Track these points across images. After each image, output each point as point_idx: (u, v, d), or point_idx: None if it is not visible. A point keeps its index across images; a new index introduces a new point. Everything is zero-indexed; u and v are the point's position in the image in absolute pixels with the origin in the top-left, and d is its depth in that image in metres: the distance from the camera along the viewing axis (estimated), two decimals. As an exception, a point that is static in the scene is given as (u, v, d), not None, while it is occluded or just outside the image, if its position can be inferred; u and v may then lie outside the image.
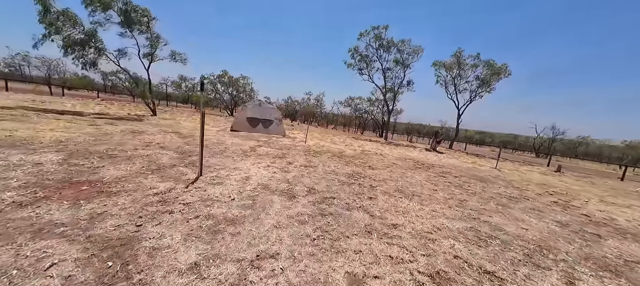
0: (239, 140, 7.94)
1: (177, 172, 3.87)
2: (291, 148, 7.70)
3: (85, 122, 7.54)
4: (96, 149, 4.52)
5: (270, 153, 6.49)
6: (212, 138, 7.68)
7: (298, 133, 13.62)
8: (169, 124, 9.86)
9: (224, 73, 26.39)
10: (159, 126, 8.89)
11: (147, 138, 6.16)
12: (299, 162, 5.79)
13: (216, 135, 8.55)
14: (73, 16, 9.34)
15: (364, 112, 29.49)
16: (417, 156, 10.27)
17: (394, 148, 12.38)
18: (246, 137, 8.88)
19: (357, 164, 6.44)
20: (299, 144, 8.99)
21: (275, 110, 11.96)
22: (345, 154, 7.99)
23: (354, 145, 11.43)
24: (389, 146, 13.50)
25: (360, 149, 9.99)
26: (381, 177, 5.28)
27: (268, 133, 11.05)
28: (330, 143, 10.95)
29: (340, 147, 10.00)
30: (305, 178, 4.45)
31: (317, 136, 13.68)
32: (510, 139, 51.03)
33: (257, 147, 7.08)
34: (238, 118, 10.93)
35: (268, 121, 11.43)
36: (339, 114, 36.46)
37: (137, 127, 7.80)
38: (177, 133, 7.74)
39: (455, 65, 16.68)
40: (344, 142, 12.22)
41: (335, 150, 8.57)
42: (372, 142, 14.70)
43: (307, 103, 39.12)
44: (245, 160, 5.23)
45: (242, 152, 6.10)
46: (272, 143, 8.36)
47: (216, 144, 6.72)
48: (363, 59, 16.74)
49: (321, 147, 9.14)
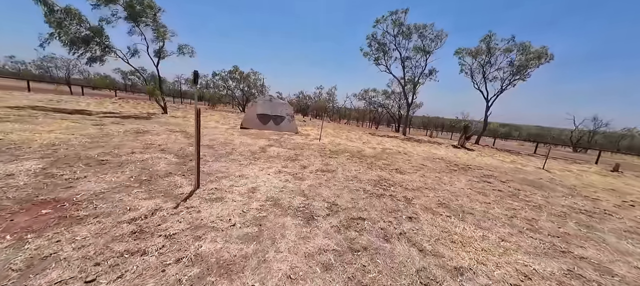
0: (248, 139, 7.29)
1: (170, 184, 3.21)
2: (304, 148, 6.93)
3: (91, 121, 7.23)
4: (87, 154, 3.99)
5: (282, 154, 5.75)
6: (220, 137, 7.09)
7: (311, 130, 12.84)
8: (177, 122, 9.45)
9: (234, 69, 26.06)
10: (167, 125, 8.46)
11: (150, 139, 5.65)
12: (314, 165, 5.00)
13: (224, 133, 7.97)
14: (77, 13, 9.05)
15: (379, 106, 28.06)
16: (446, 154, 9.12)
17: (416, 145, 11.25)
18: (256, 135, 8.23)
19: (381, 167, 5.54)
20: (313, 142, 8.21)
21: (287, 106, 11.22)
22: (365, 154, 7.09)
23: (372, 142, 10.46)
24: (410, 142, 12.36)
25: (380, 147, 9.02)
26: (414, 185, 4.36)
27: (279, 130, 10.36)
28: (346, 140, 10.07)
29: (358, 144, 9.10)
30: (324, 188, 3.66)
31: (331, 132, 12.83)
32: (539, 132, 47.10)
33: (268, 147, 6.38)
34: (248, 115, 10.33)
35: (279, 117, 10.73)
36: (351, 108, 35.25)
37: (143, 126, 7.38)
38: (183, 132, 7.22)
39: (484, 51, 14.90)
40: (361, 139, 11.28)
41: (353, 149, 7.69)
42: (391, 138, 13.61)
43: (319, 98, 38.21)
44: (253, 165, 4.52)
45: (251, 154, 5.41)
46: (284, 142, 7.64)
47: (223, 144, 6.09)
48: (380, 47, 15.44)
49: (337, 145, 8.29)
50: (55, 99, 12.49)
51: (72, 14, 9.02)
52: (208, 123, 10.43)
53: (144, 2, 10.44)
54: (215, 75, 26.82)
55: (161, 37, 10.94)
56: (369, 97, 27.83)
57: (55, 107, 9.44)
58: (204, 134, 7.24)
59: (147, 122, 8.63)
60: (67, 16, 8.95)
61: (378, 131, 22.33)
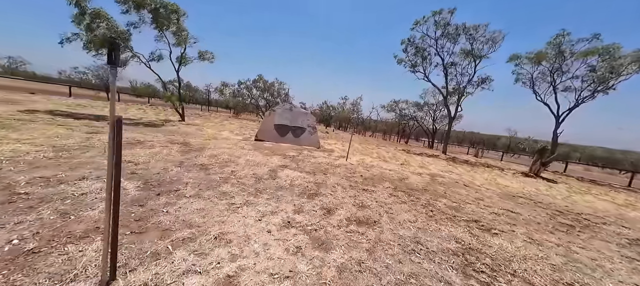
0: (258, 156, 5.85)
1: (62, 266, 1.74)
2: (328, 171, 5.25)
3: (90, 129, 6.48)
4: (15, 179, 2.81)
5: (297, 182, 4.13)
6: (224, 152, 5.76)
7: (334, 144, 11.16)
8: (187, 131, 8.51)
9: (259, 78, 25.91)
10: (174, 134, 7.51)
11: (134, 154, 4.48)
12: (343, 207, 3.27)
13: (233, 147, 6.68)
14: (105, 16, 8.83)
15: (410, 118, 25.41)
16: (524, 188, 6.66)
17: (471, 170, 8.84)
18: (270, 151, 6.80)
19: (449, 214, 3.58)
20: (339, 162, 6.49)
21: (309, 116, 9.76)
22: (411, 184, 5.14)
23: (411, 162, 8.39)
24: (460, 165, 9.93)
25: (425, 172, 6.94)
26: (534, 267, 2.35)
27: (299, 143, 8.88)
28: (379, 159, 8.16)
29: (395, 166, 7.14)
30: (370, 274, 1.90)
31: (359, 148, 10.99)
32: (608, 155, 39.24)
33: (280, 169, 4.83)
34: (264, 125, 9.06)
35: (299, 129, 9.28)
36: (378, 120, 32.88)
37: (144, 136, 6.42)
38: (184, 144, 6.07)
39: (554, 56, 11.92)
40: (395, 157, 9.25)
41: (393, 175, 5.79)
42: (432, 158, 11.27)
43: (343, 108, 36.60)
44: (250, 206, 2.95)
45: (255, 181, 3.89)
46: (303, 160, 6.05)
47: (223, 164, 4.69)
48: (418, 52, 13.41)
49: (369, 166, 6.46)
50: (84, 104, 12.75)
51: (101, 17, 8.83)
52: (221, 133, 9.40)
53: (169, 8, 10.08)
54: (240, 84, 27.00)
55: (183, 42, 10.45)
56: (400, 109, 25.42)
57: (73, 112, 9.20)
58: (207, 148, 6.01)
59: (154, 130, 7.78)
60: (96, 19, 8.77)
61: (410, 146, 19.75)
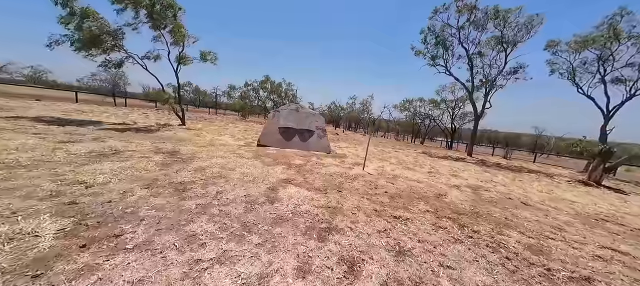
0: (258, 167, 4.81)
1: None
2: (343, 186, 4.11)
3: (68, 135, 5.69)
4: None
5: (304, 206, 3.03)
6: (217, 163, 4.76)
7: (346, 148, 9.98)
8: (182, 137, 7.64)
9: (266, 79, 25.18)
10: (166, 140, 6.63)
11: (96, 170, 3.55)
12: (372, 255, 2.13)
13: (229, 155, 5.68)
14: (95, 14, 8.17)
15: (426, 117, 23.70)
16: (597, 205, 5.21)
17: (514, 178, 7.39)
18: (273, 159, 5.75)
19: (542, 270, 2.34)
20: (354, 171, 5.33)
21: (318, 117, 8.66)
22: (455, 205, 3.90)
23: (440, 170, 7.07)
24: (498, 171, 8.45)
25: (462, 183, 5.64)
26: None
27: (307, 148, 7.79)
28: (400, 165, 6.92)
29: (422, 176, 5.87)
30: None
31: (374, 151, 9.76)
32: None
33: (282, 186, 3.74)
34: (268, 129, 8.04)
35: (307, 132, 8.19)
36: (390, 120, 31.25)
37: (127, 144, 5.55)
38: (171, 153, 5.13)
39: (607, 40, 10.05)
40: (418, 162, 7.95)
41: (425, 189, 4.55)
42: (459, 162, 9.83)
43: (352, 108, 35.26)
44: (223, 266, 1.86)
45: (245, 209, 2.82)
46: (311, 171, 4.94)
47: (209, 180, 3.67)
48: (439, 43, 11.97)
49: (392, 177, 5.25)
50: (86, 110, 12.32)
51: (90, 15, 8.19)
52: (220, 137, 8.48)
53: (164, 2, 9.32)
54: (247, 85, 26.41)
55: (180, 40, 9.67)
56: (414, 107, 23.79)
57: (64, 118, 8.59)
58: (197, 157, 5.03)
59: (145, 136, 6.96)
60: (85, 18, 8.13)
61: (428, 147, 18.17)
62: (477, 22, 10.79)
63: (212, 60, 11.12)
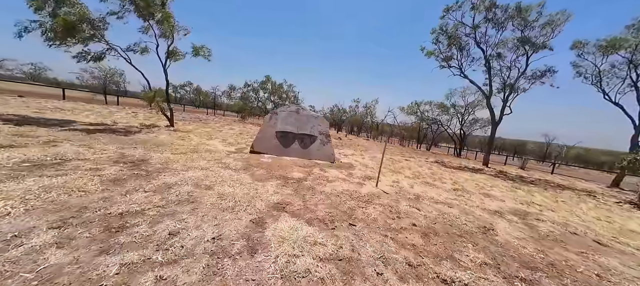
0: (244, 184, 3.72)
1: None
2: (355, 215, 3.01)
3: (22, 137, 4.64)
4: None
5: (301, 262, 1.92)
6: (191, 178, 3.68)
7: (352, 155, 8.88)
8: (162, 141, 6.58)
9: (266, 79, 24.23)
10: (140, 144, 5.58)
11: (10, 191, 2.48)
12: None
13: (212, 166, 4.60)
14: None
15: (434, 122, 22.55)
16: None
17: (557, 199, 6.24)
18: (266, 171, 4.66)
19: None
20: (366, 190, 4.22)
21: (321, 121, 7.59)
22: (514, 247, 2.79)
23: (467, 187, 5.94)
24: (533, 189, 7.30)
25: (503, 207, 4.51)
26: None
27: (308, 156, 6.71)
28: (417, 179, 5.80)
29: (447, 194, 4.75)
30: None
31: (385, 161, 8.64)
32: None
33: (272, 217, 2.65)
34: (263, 133, 6.97)
35: (309, 137, 7.12)
36: (394, 124, 30.08)
37: (86, 150, 4.49)
38: (136, 163, 4.06)
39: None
40: (435, 175, 6.82)
41: (466, 222, 3.43)
42: (478, 174, 8.68)
43: (355, 111, 34.18)
44: None
45: (208, 265, 1.73)
46: (313, 188, 3.85)
47: (168, 208, 2.58)
48: (453, 43, 10.91)
49: (414, 198, 4.14)
50: (68, 108, 11.32)
51: (67, 1, 7.21)
52: (209, 142, 7.41)
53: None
54: (247, 85, 25.47)
55: (169, 31, 8.67)
56: (422, 112, 22.65)
57: (33, 117, 7.58)
58: (168, 169, 3.95)
59: (116, 139, 5.90)
60: (60, 3, 7.15)
61: (436, 154, 17.00)
62: (495, 20, 9.73)
63: (205, 56, 10.12)
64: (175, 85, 50.32)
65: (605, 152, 45.59)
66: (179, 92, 50.18)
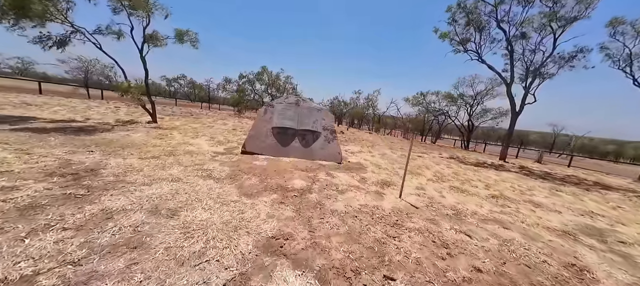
0: (228, 202, 2.67)
1: None
2: (388, 254, 1.96)
3: None
4: None
5: None
6: (156, 193, 2.62)
7: (359, 152, 7.81)
8: (131, 142, 5.48)
9: (262, 70, 22.86)
10: (104, 146, 4.48)
11: None
12: None
13: (189, 173, 3.53)
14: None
15: (441, 113, 21.43)
16: None
17: (616, 206, 5.24)
18: (260, 180, 3.60)
19: None
20: (388, 205, 3.18)
21: (325, 114, 6.49)
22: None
23: (505, 193, 4.92)
24: (564, 186, 6.30)
25: (571, 224, 3.49)
26: None
27: (310, 157, 5.64)
28: (444, 184, 4.76)
29: (492, 207, 3.73)
30: None
31: (392, 156, 7.58)
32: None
33: (262, 271, 1.60)
34: (257, 130, 5.87)
35: (311, 134, 6.03)
36: (398, 116, 28.94)
37: (14, 157, 3.40)
38: (77, 177, 2.98)
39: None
40: (462, 177, 5.79)
41: (539, 255, 2.41)
42: (506, 172, 7.66)
43: (356, 104, 32.92)
44: None
45: None
46: (320, 205, 2.81)
47: (101, 259, 1.52)
48: (471, 22, 9.67)
49: (457, 219, 3.12)
50: (33, 103, 10.09)
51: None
52: (194, 140, 6.30)
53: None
54: (242, 77, 24.12)
55: (140, 6, 7.35)
56: (428, 102, 21.49)
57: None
58: (125, 182, 2.88)
59: (76, 139, 4.79)
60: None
61: (444, 148, 15.98)
62: (524, -5, 8.45)
63: (191, 42, 8.86)
64: (169, 79, 48.64)
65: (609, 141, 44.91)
66: (173, 86, 48.43)
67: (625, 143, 37.77)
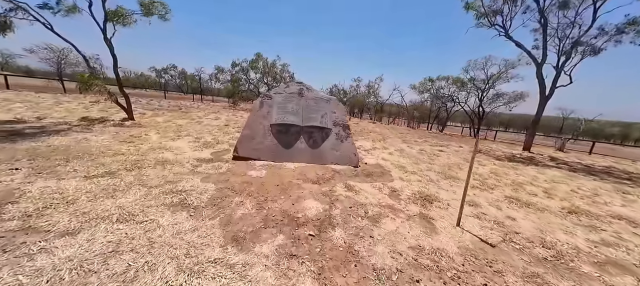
0: (204, 261, 1.51)
1: None
2: None
3: None
4: None
5: None
6: (93, 249, 1.44)
7: (372, 149, 6.65)
8: (86, 149, 4.25)
9: (257, 57, 21.17)
10: (27, 161, 3.28)
11: None
12: None
13: (157, 197, 2.35)
14: None
15: (450, 99, 20.12)
16: None
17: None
18: (257, 201, 2.44)
19: None
20: (450, 241, 2.06)
21: (335, 105, 5.26)
22: None
23: (576, 203, 3.84)
24: (620, 184, 5.24)
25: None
26: None
27: (320, 161, 4.47)
28: (491, 190, 3.66)
29: (591, 235, 2.65)
30: None
31: (413, 153, 6.44)
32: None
33: None
34: (252, 128, 4.64)
35: (320, 131, 4.82)
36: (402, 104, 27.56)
37: None
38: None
39: None
40: (507, 179, 4.69)
41: None
42: (548, 169, 6.59)
43: (357, 92, 31.36)
44: None
45: None
46: (351, 256, 1.67)
47: None
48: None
49: (558, 262, 2.01)
50: None
51: None
52: (174, 142, 5.06)
53: None
54: (235, 65, 22.42)
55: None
56: (436, 88, 20.10)
57: None
58: (38, 229, 1.70)
59: (5, 149, 3.56)
60: None
61: (456, 137, 14.87)
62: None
63: (160, 15, 7.36)
64: (158, 70, 46.28)
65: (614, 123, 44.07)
66: (163, 77, 46.16)
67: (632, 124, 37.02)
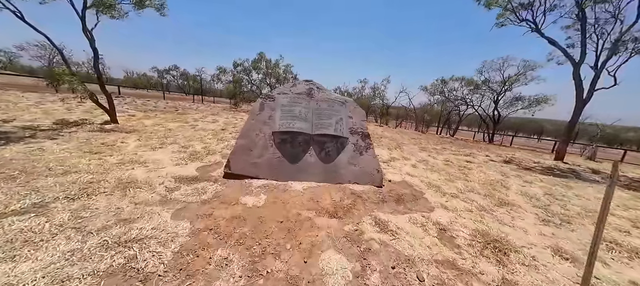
0: None
1: None
2: None
3: None
4: None
5: None
6: None
7: (391, 160, 5.63)
8: (29, 167, 3.34)
9: (260, 57, 20.34)
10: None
11: None
12: None
13: (80, 260, 1.39)
14: None
15: (463, 102, 19.01)
16: None
17: None
18: (251, 248, 1.48)
19: None
20: None
21: (351, 108, 4.28)
22: None
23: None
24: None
25: None
26: None
27: (334, 179, 3.50)
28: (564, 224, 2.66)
29: None
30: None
31: (438, 164, 5.44)
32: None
33: None
34: (248, 137, 3.68)
35: (333, 141, 3.84)
36: (409, 107, 26.49)
37: None
38: None
39: None
40: (568, 205, 3.65)
41: None
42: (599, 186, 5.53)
43: (361, 93, 30.36)
44: None
45: None
46: None
47: None
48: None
49: None
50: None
51: None
52: (153, 153, 4.13)
53: None
54: (236, 65, 21.64)
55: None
56: (448, 90, 19.00)
57: None
58: None
59: None
60: None
61: (471, 143, 13.76)
62: None
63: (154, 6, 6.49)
64: (160, 70, 45.96)
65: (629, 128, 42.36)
66: (165, 77, 45.84)
67: (648, 129, 35.37)
